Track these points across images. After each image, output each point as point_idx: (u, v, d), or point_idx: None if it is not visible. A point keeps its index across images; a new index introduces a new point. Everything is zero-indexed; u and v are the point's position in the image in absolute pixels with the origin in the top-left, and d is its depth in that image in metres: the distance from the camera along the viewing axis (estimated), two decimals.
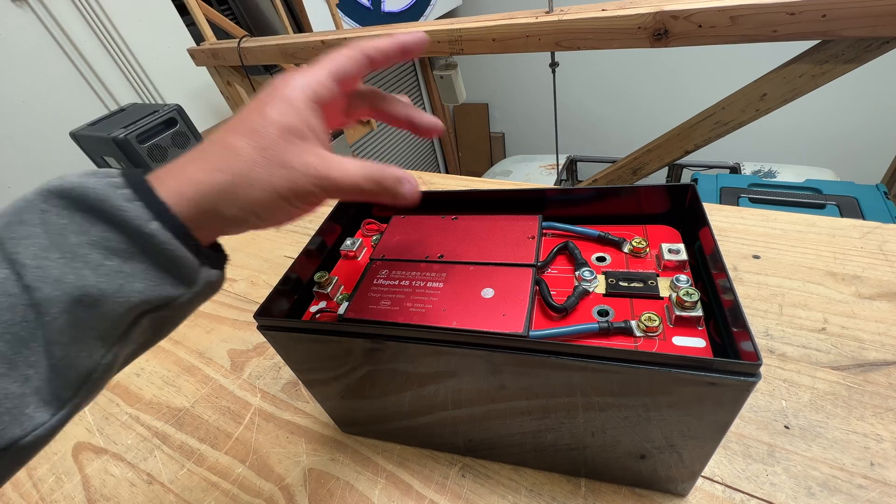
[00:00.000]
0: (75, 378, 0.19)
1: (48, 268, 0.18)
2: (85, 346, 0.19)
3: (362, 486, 0.38)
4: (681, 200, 0.33)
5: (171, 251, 0.20)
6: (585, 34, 0.91)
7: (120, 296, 0.19)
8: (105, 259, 0.18)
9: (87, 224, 0.18)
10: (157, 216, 0.19)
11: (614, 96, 2.92)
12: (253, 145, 0.21)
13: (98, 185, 0.19)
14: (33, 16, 1.43)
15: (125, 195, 0.19)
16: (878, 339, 0.40)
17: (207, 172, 0.21)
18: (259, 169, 0.21)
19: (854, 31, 0.73)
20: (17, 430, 0.17)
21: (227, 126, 0.22)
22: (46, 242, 0.18)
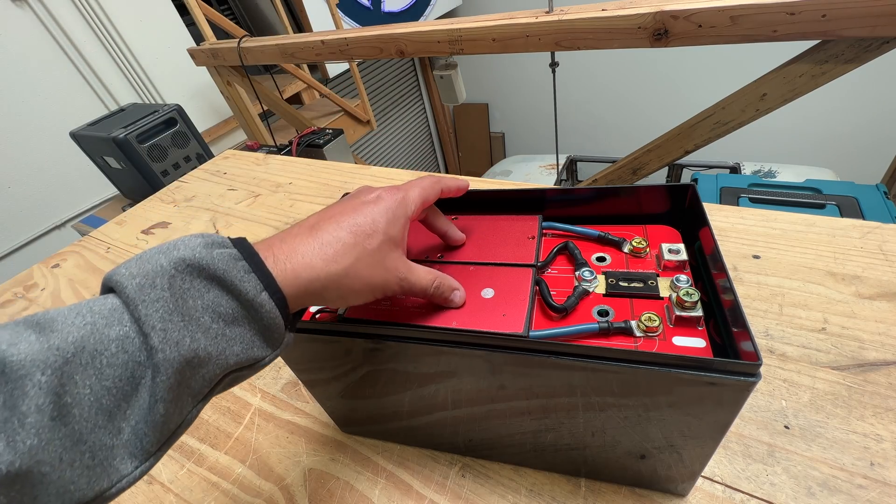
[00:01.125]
0: (166, 433, 0.20)
1: (171, 331, 0.19)
2: (180, 403, 0.20)
3: (362, 486, 0.38)
4: (681, 200, 0.33)
5: (271, 320, 0.22)
6: (585, 34, 0.91)
7: (221, 359, 0.20)
8: (213, 322, 0.20)
9: (205, 289, 0.20)
10: (267, 288, 0.22)
11: (614, 96, 2.92)
12: (364, 246, 0.25)
13: (221, 257, 0.21)
14: (33, 16, 1.43)
15: (242, 271, 0.21)
16: (878, 339, 0.40)
17: (324, 262, 0.24)
18: (364, 267, 0.25)
19: (854, 31, 0.73)
20: (105, 482, 0.18)
21: (333, 217, 0.26)
22: (172, 307, 0.19)
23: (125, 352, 0.18)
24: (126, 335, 0.18)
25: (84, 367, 0.17)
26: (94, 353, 0.18)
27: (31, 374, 0.16)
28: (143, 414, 0.19)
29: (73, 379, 0.17)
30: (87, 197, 1.68)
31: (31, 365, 0.16)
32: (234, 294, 0.21)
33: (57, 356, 0.17)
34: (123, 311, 0.19)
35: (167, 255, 0.20)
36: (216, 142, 1.97)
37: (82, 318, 0.18)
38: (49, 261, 0.80)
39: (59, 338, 0.17)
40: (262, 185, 0.86)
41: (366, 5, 2.31)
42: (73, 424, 0.17)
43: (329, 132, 1.61)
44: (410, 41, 1.13)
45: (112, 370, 0.18)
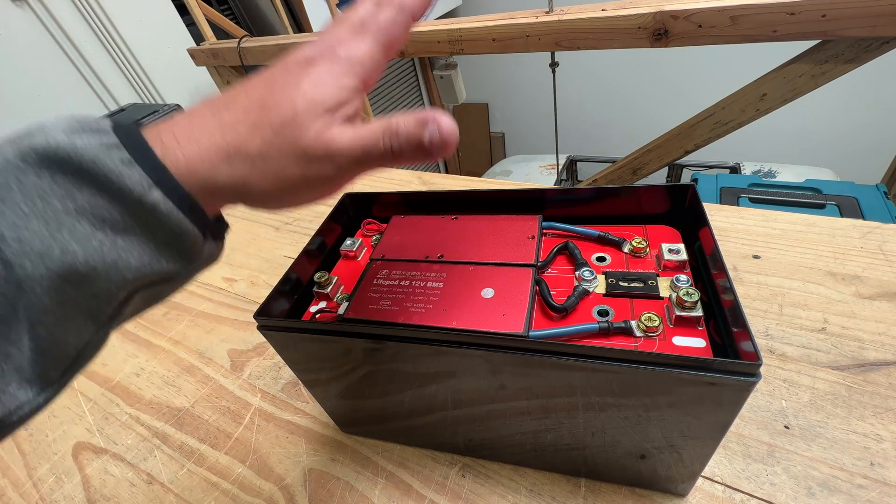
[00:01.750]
0: (63, 358, 0.17)
1: (29, 241, 0.15)
2: (73, 325, 0.17)
3: (362, 486, 0.38)
4: (681, 200, 0.33)
5: (175, 224, 0.17)
6: (585, 34, 0.91)
7: (113, 273, 0.17)
8: (95, 230, 0.16)
9: (74, 188, 0.16)
10: (159, 183, 0.17)
11: (614, 96, 2.92)
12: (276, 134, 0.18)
13: (89, 145, 0.16)
14: (33, 16, 1.43)
15: (121, 158, 0.16)
16: (878, 339, 0.40)
17: (221, 153, 0.18)
18: (276, 161, 0.19)
19: (854, 31, 0.73)
20: (0, 408, 0.16)
21: (245, 90, 0.20)
22: (27, 210, 0.15)
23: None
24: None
25: None
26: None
27: None
28: (28, 341, 0.16)
29: None
30: None
31: None
32: (112, 193, 0.16)
33: None
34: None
35: (16, 144, 0.16)
36: None
37: None
38: None
39: None
40: None
41: None
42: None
43: None
44: (410, 41, 1.13)
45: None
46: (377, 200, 0.41)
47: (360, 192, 0.41)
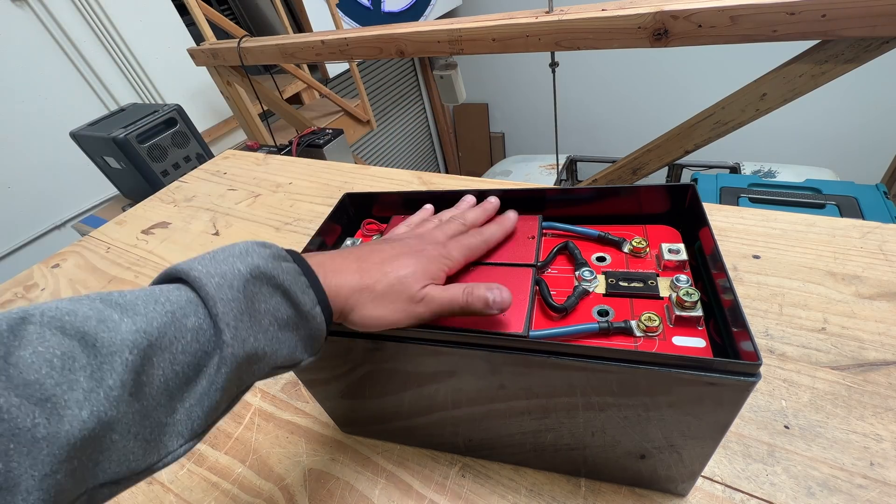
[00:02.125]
0: (213, 418, 0.22)
1: (241, 329, 0.21)
2: (229, 394, 0.22)
3: (362, 486, 0.38)
4: (681, 200, 0.33)
5: (319, 330, 0.25)
6: (585, 34, 0.91)
7: (272, 357, 0.23)
8: (270, 325, 0.23)
9: (270, 295, 0.23)
10: (321, 303, 0.25)
11: (614, 96, 2.92)
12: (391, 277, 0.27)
13: (287, 271, 0.24)
14: (33, 16, 1.43)
15: (305, 283, 0.24)
16: (878, 339, 0.40)
17: (356, 280, 0.27)
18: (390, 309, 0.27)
19: (854, 31, 0.73)
20: (155, 456, 0.20)
21: (375, 258, 0.29)
22: (244, 307, 0.21)
23: (197, 342, 0.20)
24: (200, 327, 0.20)
25: (163, 350, 0.19)
26: (173, 340, 0.20)
27: (120, 352, 0.18)
28: (198, 398, 0.21)
29: (151, 361, 0.19)
30: (87, 197, 1.68)
31: (122, 344, 0.18)
32: (293, 304, 0.23)
33: (143, 339, 0.19)
34: (198, 304, 0.21)
35: (242, 260, 0.23)
36: (216, 142, 1.97)
37: (162, 307, 0.20)
38: (49, 261, 0.80)
39: (145, 322, 0.19)
40: (262, 185, 0.86)
41: (366, 5, 2.31)
42: (143, 401, 0.19)
43: (329, 132, 1.61)
44: (410, 41, 1.12)
45: (184, 356, 0.20)
46: (377, 200, 0.41)
47: (360, 192, 0.41)
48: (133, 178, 1.38)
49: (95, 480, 0.18)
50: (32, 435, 0.16)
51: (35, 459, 0.16)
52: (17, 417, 0.16)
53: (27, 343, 0.17)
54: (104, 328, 0.18)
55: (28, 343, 0.17)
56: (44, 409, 0.16)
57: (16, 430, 0.15)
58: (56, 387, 0.16)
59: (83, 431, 0.17)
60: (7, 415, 0.15)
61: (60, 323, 0.18)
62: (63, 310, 0.18)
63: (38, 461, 0.16)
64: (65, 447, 0.16)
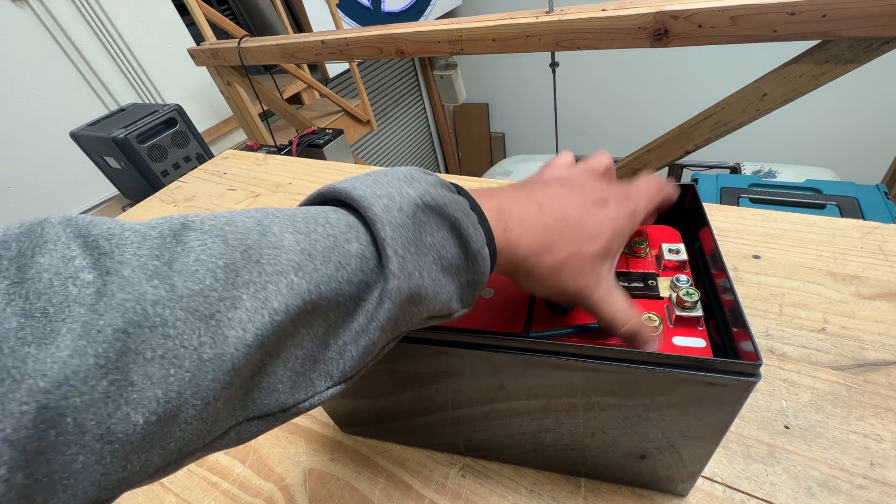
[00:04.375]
0: (367, 360, 0.19)
1: (408, 260, 0.18)
2: (386, 336, 0.19)
3: (362, 486, 0.38)
4: (681, 200, 0.33)
5: (481, 277, 0.21)
6: (585, 34, 0.91)
7: (431, 301, 0.20)
8: (433, 263, 0.20)
9: (437, 228, 0.20)
10: (488, 244, 0.21)
11: (614, 96, 2.92)
12: (580, 250, 0.24)
13: (458, 203, 0.21)
14: (33, 16, 1.43)
15: (475, 220, 0.21)
16: (878, 339, 0.40)
17: (541, 249, 0.23)
18: (569, 270, 0.24)
19: (854, 32, 0.73)
20: (303, 393, 0.18)
21: (561, 206, 0.24)
22: (412, 236, 0.19)
23: (362, 271, 0.18)
24: (364, 254, 0.18)
25: (329, 279, 0.17)
26: (339, 266, 0.17)
27: (286, 273, 0.16)
28: (353, 336, 0.18)
29: (319, 290, 0.17)
30: (87, 197, 1.68)
31: (287, 264, 0.16)
32: (461, 242, 0.20)
33: (309, 262, 0.17)
34: (360, 230, 0.19)
35: (410, 184, 0.20)
36: (216, 142, 1.97)
37: (323, 228, 0.18)
38: None
39: (308, 242, 0.17)
40: (262, 185, 0.86)
41: (366, 5, 2.31)
42: (301, 329, 0.17)
43: (329, 132, 1.61)
44: (410, 41, 1.12)
45: (348, 287, 0.18)
46: None
47: None
48: (133, 178, 1.38)
49: (245, 413, 0.16)
50: (199, 356, 0.14)
51: (199, 387, 0.14)
52: (183, 334, 0.14)
53: (190, 250, 0.15)
54: (268, 243, 0.16)
55: (191, 250, 0.15)
56: (208, 326, 0.14)
57: (180, 349, 0.14)
58: (220, 302, 0.15)
59: (247, 356, 0.15)
60: (174, 330, 0.14)
61: (222, 232, 0.16)
62: (222, 219, 0.16)
63: (201, 388, 0.14)
64: (228, 372, 0.15)
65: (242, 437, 0.17)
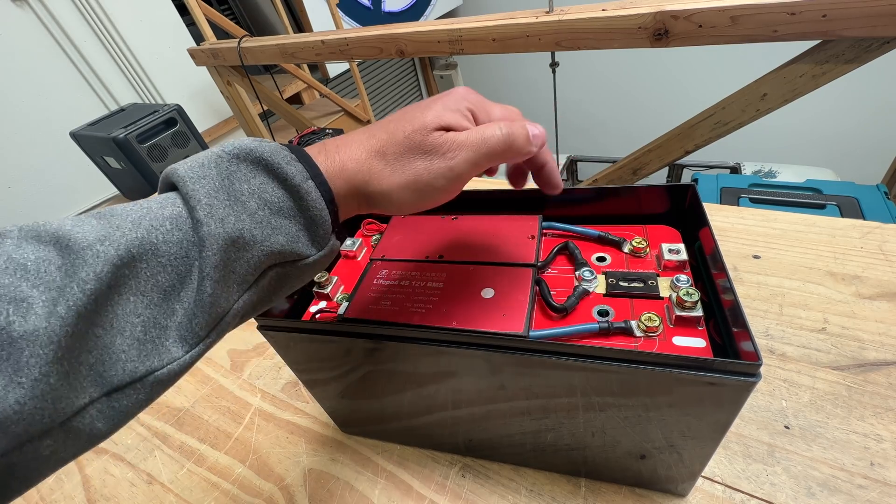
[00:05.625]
0: (213, 317, 0.20)
1: (216, 206, 0.19)
2: (227, 286, 0.20)
3: (362, 486, 0.38)
4: (681, 200, 0.33)
5: (318, 211, 0.22)
6: (585, 34, 0.91)
7: (265, 244, 0.20)
8: (259, 209, 0.20)
9: (251, 174, 0.21)
10: (314, 176, 0.22)
11: (614, 96, 2.92)
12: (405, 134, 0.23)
13: (267, 147, 0.21)
14: (33, 16, 1.43)
15: (288, 157, 0.21)
16: (878, 339, 0.40)
17: (368, 152, 0.23)
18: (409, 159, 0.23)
19: (854, 31, 0.73)
20: (156, 361, 0.18)
21: (389, 118, 0.25)
22: (218, 184, 0.20)
23: (179, 230, 0.19)
24: (178, 214, 0.19)
25: (140, 241, 0.18)
26: (150, 229, 0.18)
27: (91, 246, 0.17)
28: (194, 294, 0.19)
29: (130, 253, 0.18)
30: (87, 197, 1.68)
31: (94, 239, 0.17)
32: (279, 180, 0.21)
33: (116, 231, 0.18)
34: (176, 195, 0.20)
35: (220, 146, 0.21)
36: (216, 142, 1.97)
37: (139, 206, 0.19)
38: None
39: (119, 219, 0.18)
40: None
41: (366, 5, 2.31)
42: (127, 295, 0.18)
43: (329, 132, 1.61)
44: (410, 41, 1.12)
45: (167, 247, 0.18)
46: None
47: None
48: (133, 178, 1.37)
49: (96, 388, 0.17)
50: (8, 334, 0.15)
51: (18, 363, 0.15)
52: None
53: (2, 253, 0.16)
54: (78, 230, 0.17)
55: (3, 253, 0.16)
56: (19, 307, 0.15)
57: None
58: (32, 288, 0.16)
59: (64, 328, 0.16)
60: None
61: (36, 232, 0.17)
62: (41, 223, 0.18)
63: (21, 364, 0.15)
64: (47, 345, 0.15)
65: (108, 415, 0.17)
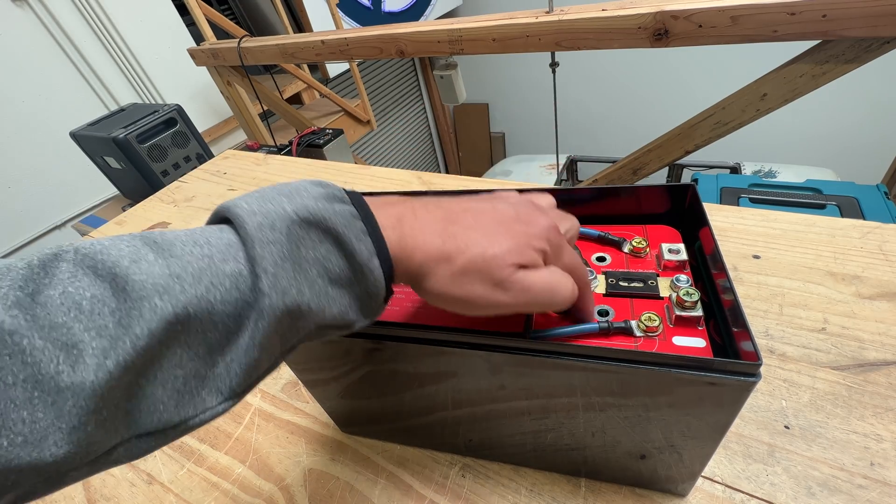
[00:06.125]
0: (253, 377, 0.20)
1: (280, 277, 0.19)
2: (272, 350, 0.20)
3: (362, 486, 0.38)
4: (681, 200, 0.33)
5: (376, 288, 0.21)
6: (585, 34, 0.91)
7: (318, 315, 0.20)
8: (319, 276, 0.20)
9: (319, 242, 0.20)
10: (378, 254, 0.21)
11: (614, 96, 2.92)
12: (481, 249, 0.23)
13: (342, 217, 0.21)
14: (33, 16, 1.43)
15: (359, 230, 0.21)
16: (878, 339, 0.40)
17: (441, 252, 0.22)
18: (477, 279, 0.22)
19: (854, 31, 0.73)
20: (191, 409, 0.18)
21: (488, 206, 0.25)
22: (286, 252, 0.19)
23: (237, 289, 0.18)
24: (240, 273, 0.18)
25: (199, 299, 0.17)
26: (210, 287, 0.18)
27: (149, 298, 0.16)
28: (239, 354, 0.19)
29: (186, 311, 0.17)
30: (87, 197, 1.68)
31: (153, 288, 0.17)
32: (346, 254, 0.21)
33: (176, 284, 0.17)
34: (239, 248, 0.19)
35: (290, 199, 0.20)
36: (216, 142, 1.97)
37: (200, 249, 0.18)
38: None
39: (179, 265, 0.17)
40: (263, 185, 0.85)
41: (366, 5, 2.31)
42: (176, 349, 0.17)
43: (329, 132, 1.61)
44: (410, 41, 1.13)
45: (223, 307, 0.18)
46: None
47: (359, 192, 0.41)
48: (133, 178, 1.38)
49: (129, 431, 0.17)
50: (56, 383, 0.15)
51: (60, 411, 0.15)
52: (40, 362, 0.14)
53: (58, 282, 0.16)
54: (136, 270, 0.17)
55: (59, 282, 0.16)
56: (69, 355, 0.15)
57: (39, 375, 0.14)
58: (84, 332, 0.15)
59: (109, 382, 0.15)
60: (31, 358, 0.14)
61: (93, 262, 0.17)
62: (97, 247, 0.17)
63: (63, 413, 0.15)
64: (91, 398, 0.15)
65: (134, 453, 0.18)
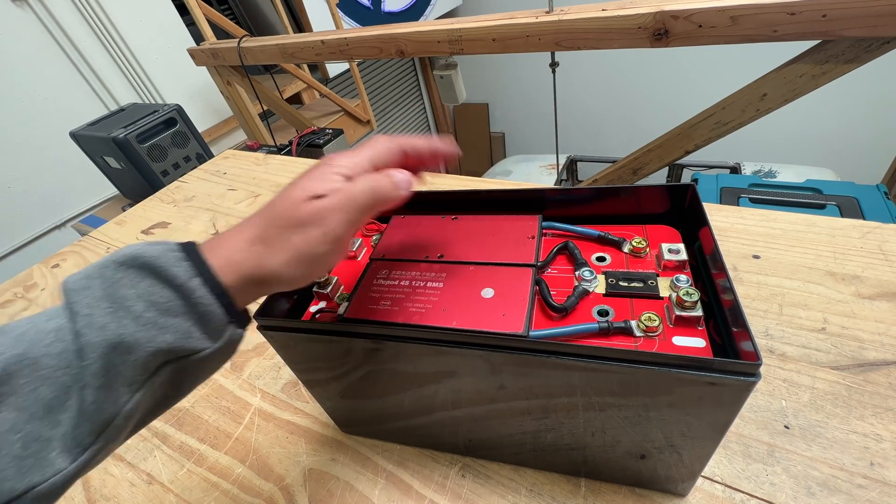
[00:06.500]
0: (100, 423, 0.20)
1: (96, 316, 0.20)
2: (112, 391, 0.20)
3: (362, 486, 0.38)
4: (681, 200, 0.33)
5: (206, 306, 0.22)
6: (585, 34, 0.91)
7: (150, 344, 0.20)
8: (146, 310, 0.20)
9: (138, 278, 0.21)
10: (200, 273, 0.22)
11: (614, 96, 2.92)
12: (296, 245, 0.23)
13: (155, 250, 0.22)
14: (33, 16, 1.43)
15: (177, 256, 0.22)
16: (878, 339, 0.40)
17: (257, 256, 0.23)
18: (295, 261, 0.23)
19: (854, 31, 0.73)
20: (38, 476, 0.18)
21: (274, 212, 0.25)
22: (101, 293, 0.20)
23: (61, 341, 0.19)
24: (61, 326, 0.20)
25: (19, 357, 0.18)
26: (32, 344, 0.19)
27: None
28: (85, 405, 0.19)
29: (6, 371, 0.18)
30: (87, 197, 1.68)
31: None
32: (166, 282, 0.21)
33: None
34: (63, 307, 0.20)
35: (111, 254, 0.22)
36: (216, 142, 1.97)
37: (28, 321, 0.20)
38: (49, 261, 0.80)
39: (3, 336, 0.19)
40: (262, 185, 0.86)
41: (366, 5, 2.31)
42: (5, 413, 0.18)
43: (329, 132, 1.61)
44: (410, 41, 1.12)
45: (48, 360, 0.19)
46: None
47: None
48: (133, 178, 1.37)
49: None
50: None
51: None
52: None
53: None
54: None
55: None
56: None
57: None
58: None
59: None
60: None
61: None
62: None
63: None
64: None
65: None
